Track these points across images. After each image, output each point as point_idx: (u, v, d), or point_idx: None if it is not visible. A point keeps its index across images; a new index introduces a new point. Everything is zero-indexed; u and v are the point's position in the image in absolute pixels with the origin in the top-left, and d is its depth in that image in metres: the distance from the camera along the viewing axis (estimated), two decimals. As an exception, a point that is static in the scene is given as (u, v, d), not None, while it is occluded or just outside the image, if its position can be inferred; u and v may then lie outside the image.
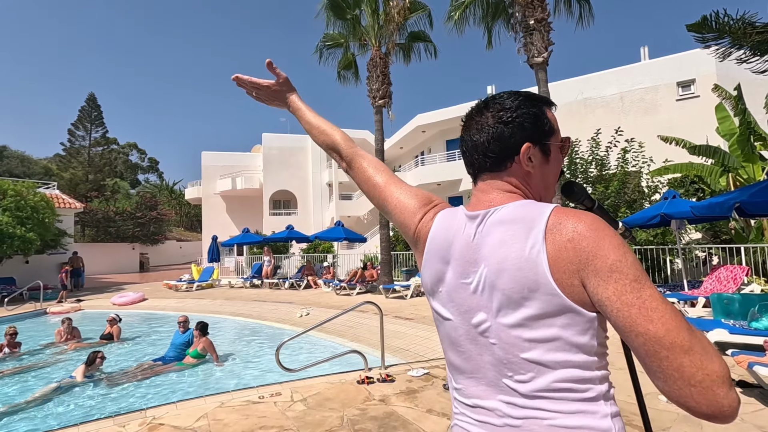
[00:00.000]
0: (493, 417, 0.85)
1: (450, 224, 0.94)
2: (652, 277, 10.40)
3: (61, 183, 31.67)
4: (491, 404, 0.85)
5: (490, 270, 0.83)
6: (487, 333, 0.85)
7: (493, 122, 0.92)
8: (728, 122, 11.15)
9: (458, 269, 0.89)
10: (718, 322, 5.27)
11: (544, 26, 10.06)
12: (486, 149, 0.92)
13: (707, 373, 0.67)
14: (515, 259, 0.80)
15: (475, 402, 0.88)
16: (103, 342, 8.02)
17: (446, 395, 4.05)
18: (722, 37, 4.28)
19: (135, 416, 3.78)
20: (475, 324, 0.86)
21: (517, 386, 0.82)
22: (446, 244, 0.92)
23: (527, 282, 0.78)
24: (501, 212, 0.87)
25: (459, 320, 0.89)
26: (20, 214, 13.61)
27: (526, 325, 0.80)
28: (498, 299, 0.82)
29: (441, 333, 0.98)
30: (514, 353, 0.81)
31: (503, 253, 0.82)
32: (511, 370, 0.82)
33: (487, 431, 0.85)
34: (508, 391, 0.83)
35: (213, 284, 16.72)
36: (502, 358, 0.83)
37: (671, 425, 3.23)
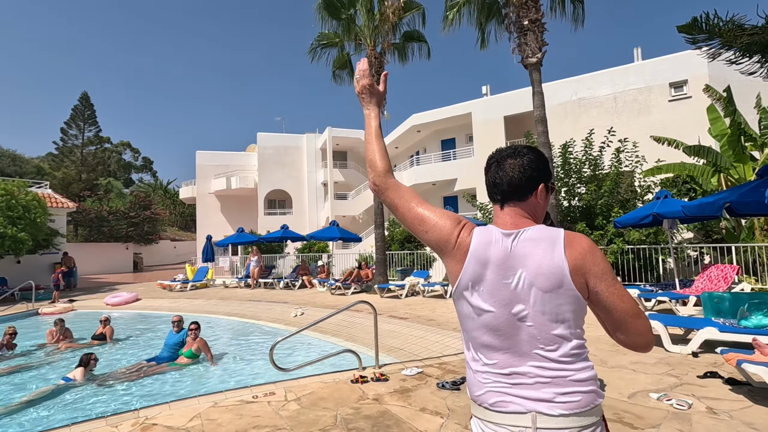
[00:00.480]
0: (525, 378, 1.17)
1: (489, 239, 1.24)
2: (645, 275, 10.49)
3: (53, 182, 31.39)
4: (524, 369, 1.17)
5: (528, 273, 1.18)
6: (525, 318, 1.18)
7: (527, 166, 1.28)
8: (720, 123, 11.27)
9: (499, 272, 1.20)
10: (708, 320, 5.33)
11: (538, 27, 10.10)
12: (519, 185, 1.27)
13: (646, 327, 1.18)
14: (548, 266, 1.16)
15: (510, 370, 1.19)
16: (96, 342, 7.97)
17: (440, 394, 4.07)
18: (712, 38, 4.33)
19: (128, 416, 3.77)
20: (515, 313, 1.18)
21: (548, 354, 1.17)
22: (486, 253, 1.22)
23: (556, 282, 1.16)
24: (529, 232, 1.22)
25: (501, 311, 1.19)
26: (11, 213, 13.49)
27: (561, 313, 1.17)
28: (534, 294, 1.17)
29: (476, 323, 1.24)
30: (546, 331, 1.17)
31: (538, 261, 1.17)
32: (543, 343, 1.17)
33: (521, 389, 1.17)
34: (539, 359, 1.17)
35: (207, 284, 16.65)
36: (536, 335, 1.17)
37: (661, 422, 3.27)
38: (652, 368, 4.61)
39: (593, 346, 5.61)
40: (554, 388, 1.15)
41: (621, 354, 5.20)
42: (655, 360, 4.90)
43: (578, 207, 11.87)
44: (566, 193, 11.92)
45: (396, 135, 25.58)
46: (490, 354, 1.22)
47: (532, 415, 1.14)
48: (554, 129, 12.09)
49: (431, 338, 6.62)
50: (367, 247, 19.19)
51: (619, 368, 4.66)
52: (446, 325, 7.37)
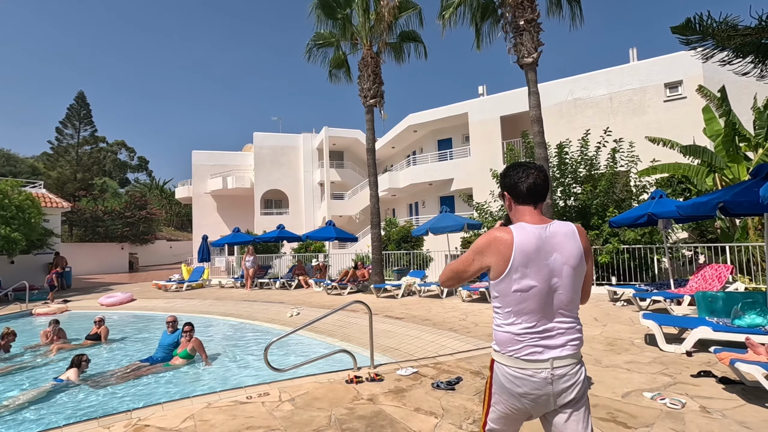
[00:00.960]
0: (552, 332, 1.66)
1: (526, 232, 1.67)
2: (640, 275, 10.54)
3: (48, 182, 31.18)
4: (551, 326, 1.67)
5: (562, 255, 1.67)
6: (558, 288, 1.66)
7: (546, 178, 1.79)
8: (714, 123, 11.33)
9: (540, 256, 1.65)
10: (702, 319, 5.35)
11: (534, 27, 10.12)
12: (545, 191, 1.77)
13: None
14: (574, 250, 1.69)
15: (543, 328, 1.66)
16: (90, 343, 7.91)
17: (434, 394, 4.06)
18: (706, 39, 4.34)
19: (120, 417, 3.74)
20: (552, 284, 1.66)
21: (568, 313, 1.69)
22: (529, 244, 1.65)
23: (579, 261, 1.69)
24: (554, 226, 1.71)
25: (543, 284, 1.65)
26: (4, 213, 13.38)
27: (576, 279, 1.69)
28: (566, 270, 1.66)
29: (523, 297, 1.65)
30: (570, 297, 1.69)
31: (569, 247, 1.68)
32: (566, 305, 1.68)
33: (548, 340, 1.65)
34: (561, 317, 1.68)
35: (203, 284, 16.59)
36: (563, 300, 1.68)
37: (655, 421, 3.27)
38: (646, 367, 4.62)
39: (587, 346, 5.62)
40: (567, 336, 1.67)
41: (615, 353, 5.22)
42: (650, 359, 4.92)
43: (574, 207, 11.90)
44: (562, 193, 11.95)
45: (393, 135, 25.58)
46: (529, 318, 1.66)
47: (551, 360, 1.63)
48: (550, 129, 12.12)
49: (426, 338, 6.61)
50: (364, 247, 19.19)
51: (613, 367, 4.67)
52: (442, 325, 7.36)
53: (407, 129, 23.80)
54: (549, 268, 1.64)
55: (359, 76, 13.87)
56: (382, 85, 13.82)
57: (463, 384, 4.32)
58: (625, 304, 8.72)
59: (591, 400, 3.75)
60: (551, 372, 1.61)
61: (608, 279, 10.73)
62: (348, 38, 14.21)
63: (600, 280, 10.91)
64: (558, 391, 1.63)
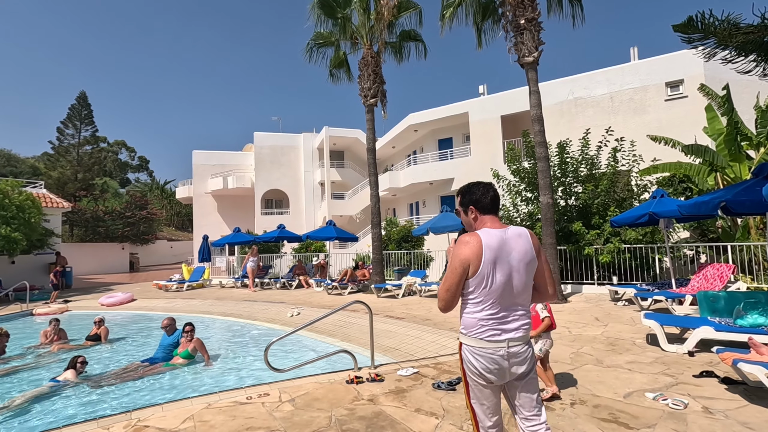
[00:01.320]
0: (509, 318, 1.99)
1: (491, 235, 2.00)
2: (642, 275, 10.51)
3: (49, 182, 31.18)
4: (509, 313, 1.99)
5: (518, 254, 1.99)
6: (517, 283, 1.98)
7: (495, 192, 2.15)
8: (716, 122, 11.29)
9: (503, 254, 1.97)
10: (704, 319, 5.32)
11: (535, 26, 10.08)
12: (499, 203, 2.18)
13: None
14: (527, 249, 2.01)
15: (503, 315, 1.98)
16: (90, 343, 7.90)
17: (435, 394, 4.04)
18: (708, 37, 4.31)
19: (120, 418, 3.73)
20: (512, 278, 1.97)
21: (522, 302, 2.02)
22: (495, 245, 1.97)
23: (532, 258, 2.01)
24: (511, 230, 2.05)
25: (506, 278, 1.97)
26: (5, 213, 13.38)
27: (530, 274, 2.02)
28: (522, 266, 1.98)
29: (490, 288, 1.97)
30: (525, 288, 2.02)
31: (523, 247, 2.01)
32: (522, 295, 2.01)
33: (506, 324, 1.98)
34: (518, 305, 2.01)
35: (204, 284, 16.59)
36: (520, 291, 2.00)
37: (657, 422, 3.25)
38: (647, 367, 4.60)
39: (588, 346, 5.61)
40: (520, 322, 2.01)
41: (616, 353, 5.20)
42: (651, 359, 4.89)
43: (575, 206, 11.87)
44: (563, 193, 11.92)
45: (393, 134, 25.55)
46: (493, 306, 1.98)
47: (507, 341, 1.98)
48: (550, 128, 12.10)
49: (427, 338, 6.60)
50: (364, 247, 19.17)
51: (614, 368, 4.64)
52: (442, 325, 7.34)
53: (408, 128, 23.77)
54: (509, 265, 1.97)
55: (359, 75, 13.85)
56: (383, 84, 13.80)
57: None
58: (627, 304, 8.69)
59: (593, 400, 3.74)
60: (507, 350, 1.96)
61: (609, 279, 10.70)
62: (348, 38, 14.19)
63: (601, 280, 10.89)
64: (512, 366, 1.98)
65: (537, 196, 12.03)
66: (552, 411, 3.55)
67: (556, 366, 4.80)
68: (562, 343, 5.86)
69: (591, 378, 4.34)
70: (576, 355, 5.20)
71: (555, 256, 9.71)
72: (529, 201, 12.41)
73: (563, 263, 11.20)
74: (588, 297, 10.02)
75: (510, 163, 12.81)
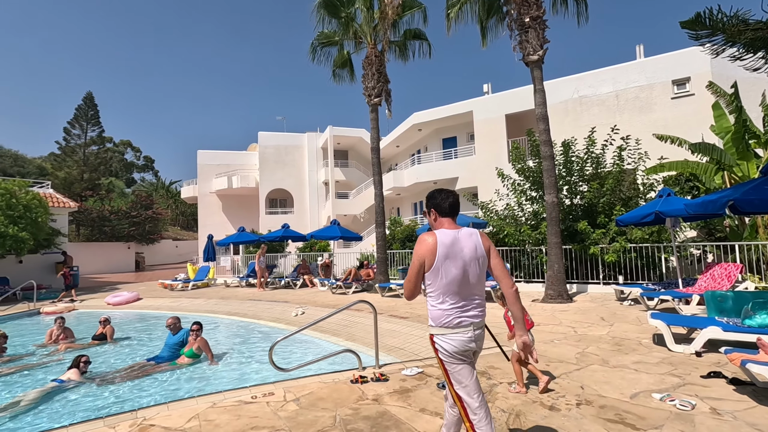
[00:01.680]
0: (469, 306, 2.32)
1: (446, 234, 2.34)
2: (648, 274, 10.44)
3: (55, 182, 31.45)
4: (468, 302, 2.33)
5: (470, 251, 2.32)
6: (471, 275, 2.31)
7: (455, 198, 2.48)
8: (724, 120, 11.18)
9: (456, 250, 2.29)
10: (712, 319, 5.27)
11: (540, 24, 10.03)
12: (458, 208, 2.48)
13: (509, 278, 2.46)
14: (478, 246, 2.36)
15: (463, 304, 2.31)
16: (96, 343, 7.95)
17: (440, 394, 4.03)
18: (716, 34, 4.26)
19: (125, 417, 3.74)
20: (467, 271, 2.29)
21: (478, 292, 2.38)
22: (448, 243, 2.30)
23: (482, 254, 2.36)
24: (463, 230, 2.39)
25: (460, 272, 2.28)
26: (12, 213, 13.48)
27: (482, 268, 2.36)
28: (475, 261, 2.32)
29: (447, 280, 2.29)
30: (479, 280, 2.36)
31: (473, 245, 2.35)
32: (477, 286, 2.36)
33: (468, 312, 2.31)
34: (474, 295, 2.35)
35: (209, 283, 16.66)
36: (475, 283, 2.34)
37: (664, 423, 3.22)
38: (654, 368, 4.56)
39: (594, 346, 5.57)
40: (479, 309, 2.37)
41: (622, 353, 5.16)
42: (658, 359, 4.85)
43: (580, 205, 11.80)
44: (568, 192, 11.85)
45: (397, 134, 25.52)
46: (454, 297, 2.31)
47: (473, 325, 2.33)
48: (555, 127, 12.04)
49: (432, 338, 6.57)
50: (369, 246, 19.16)
51: (621, 368, 4.61)
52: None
53: (412, 128, 23.73)
54: (463, 260, 2.29)
55: (363, 74, 13.84)
56: (387, 84, 13.78)
57: (469, 384, 4.28)
58: (632, 304, 8.63)
59: (599, 401, 3.72)
60: (473, 333, 2.31)
61: (615, 278, 10.63)
62: (351, 37, 14.18)
63: (606, 280, 10.82)
64: (476, 347, 2.36)
65: (542, 195, 11.96)
66: (558, 411, 3.53)
67: (562, 366, 4.78)
68: (568, 342, 5.83)
69: (597, 378, 4.31)
70: (582, 355, 5.17)
71: (560, 256, 9.65)
72: (534, 200, 12.35)
73: (568, 262, 11.14)
74: (593, 296, 9.96)
75: (515, 162, 12.75)
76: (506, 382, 4.28)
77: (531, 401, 3.77)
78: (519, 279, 12.20)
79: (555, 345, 5.74)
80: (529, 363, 4.10)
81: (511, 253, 12.39)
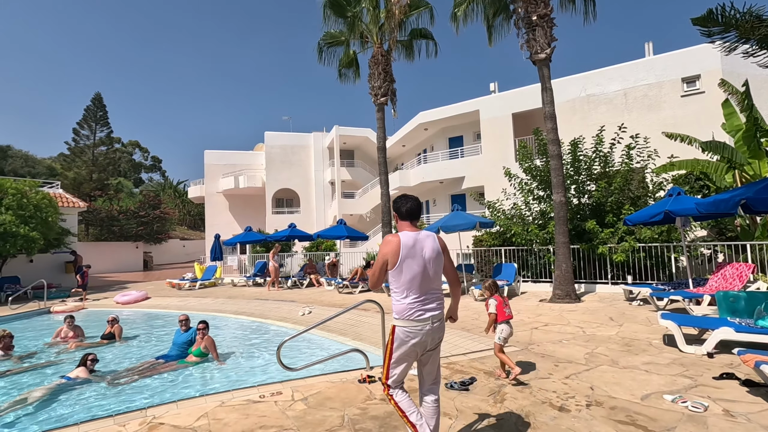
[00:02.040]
0: (428, 299, 2.62)
1: (407, 236, 2.64)
2: (657, 274, 10.32)
3: (65, 182, 31.81)
4: (428, 296, 2.62)
5: (428, 251, 2.64)
6: (431, 272, 2.63)
7: (417, 204, 2.80)
8: (734, 118, 11.02)
9: (416, 250, 2.60)
10: (724, 320, 5.20)
11: (547, 22, 9.96)
12: (418, 213, 2.81)
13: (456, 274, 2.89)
14: (435, 247, 2.68)
15: (424, 299, 2.60)
16: (105, 342, 8.02)
17: (448, 394, 4.01)
18: (728, 30, 4.19)
19: (135, 415, 3.77)
20: (426, 268, 2.61)
21: (436, 287, 2.67)
22: (410, 244, 2.60)
23: (438, 254, 2.68)
24: (422, 233, 2.71)
25: (421, 269, 2.59)
26: (23, 212, 13.65)
27: (439, 266, 2.70)
28: (433, 260, 2.64)
29: (408, 277, 2.58)
30: (436, 277, 2.67)
31: (431, 246, 2.67)
32: (435, 282, 2.66)
33: (428, 305, 2.60)
34: (433, 290, 2.65)
35: (216, 283, 16.75)
36: (434, 279, 2.65)
37: (676, 425, 3.18)
38: (665, 369, 4.51)
39: (603, 346, 5.52)
40: (437, 302, 2.64)
41: (632, 354, 5.11)
42: (669, 360, 4.80)
43: (588, 204, 11.71)
44: (575, 191, 11.76)
45: (403, 133, 25.49)
46: (416, 292, 2.59)
47: (432, 317, 2.60)
48: (563, 126, 11.93)
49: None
50: (375, 246, 19.16)
51: (631, 369, 4.56)
52: (454, 325, 7.30)
53: (418, 127, 23.68)
54: (423, 259, 2.59)
55: (370, 74, 13.83)
56: (393, 83, 13.77)
57: (477, 384, 4.26)
58: (641, 304, 8.55)
59: (609, 402, 3.68)
60: (431, 325, 2.58)
61: (623, 278, 10.53)
62: (358, 36, 14.18)
63: (615, 279, 10.72)
64: (432, 338, 2.63)
65: (549, 194, 11.88)
66: (567, 412, 3.50)
67: (571, 366, 4.74)
68: (576, 343, 5.78)
69: (606, 379, 4.27)
70: (591, 356, 5.12)
71: (568, 255, 9.58)
72: (542, 199, 12.27)
73: (576, 262, 11.05)
74: (602, 296, 9.87)
75: (522, 161, 12.68)
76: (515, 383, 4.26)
77: (540, 402, 3.75)
78: (526, 279, 12.13)
79: (564, 345, 5.69)
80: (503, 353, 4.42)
81: (518, 253, 12.32)
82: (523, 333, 6.53)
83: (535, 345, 5.77)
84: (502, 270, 11.08)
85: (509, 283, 10.19)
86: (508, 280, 10.29)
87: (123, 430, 3.47)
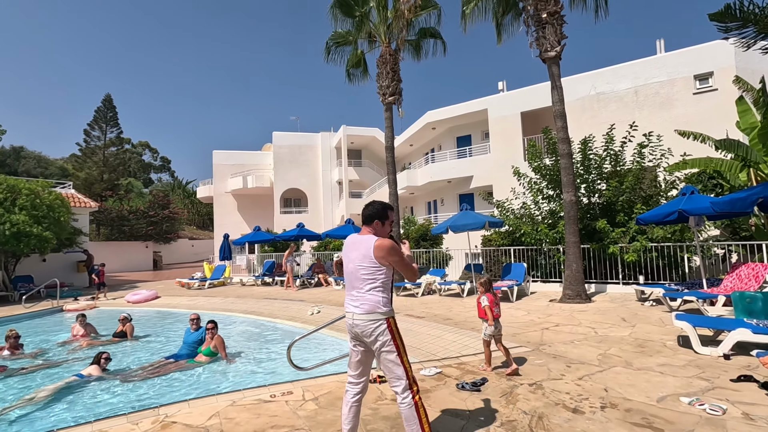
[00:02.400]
0: (352, 296, 2.85)
1: (352, 237, 2.97)
2: (670, 274, 10.18)
3: (76, 183, 32.20)
4: (352, 292, 2.85)
5: (358, 253, 2.82)
6: (355, 271, 2.83)
7: (372, 209, 2.92)
8: (749, 115, 10.82)
9: (350, 251, 2.90)
10: (740, 321, 5.10)
11: (557, 20, 9.86)
12: (371, 218, 2.92)
13: (413, 272, 2.93)
14: (363, 251, 2.79)
15: (349, 295, 2.88)
16: (117, 340, 8.10)
17: (459, 395, 3.98)
18: (746, 26, 4.10)
19: (148, 414, 3.79)
20: (355, 267, 2.83)
21: (359, 285, 2.81)
22: (349, 243, 2.95)
23: (367, 255, 2.77)
24: (366, 237, 2.85)
25: (353, 266, 2.84)
26: (36, 212, 13.83)
27: (365, 268, 2.78)
28: (359, 259, 2.80)
29: (345, 271, 2.93)
30: (360, 277, 2.80)
31: (362, 249, 2.80)
32: (358, 281, 2.81)
33: (351, 301, 2.85)
34: (356, 288, 2.82)
35: (225, 282, 16.85)
36: (358, 278, 2.80)
37: (694, 428, 3.12)
38: (680, 371, 4.43)
39: (616, 347, 5.45)
40: (358, 301, 2.78)
41: (646, 356, 5.03)
42: (684, 362, 4.72)
43: (598, 204, 11.58)
44: (586, 190, 11.64)
45: (411, 132, 25.44)
46: (348, 286, 2.89)
47: (352, 313, 2.79)
48: (572, 124, 11.80)
49: (448, 338, 6.52)
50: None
51: (645, 370, 4.49)
52: (464, 324, 7.26)
53: (425, 126, 23.62)
54: (349, 259, 2.86)
55: (378, 73, 13.81)
56: (400, 83, 13.74)
57: (489, 385, 4.23)
58: (654, 304, 8.43)
59: (624, 404, 3.62)
60: (352, 320, 2.79)
61: (635, 278, 10.40)
62: (365, 36, 14.17)
63: (626, 279, 10.60)
64: (359, 333, 2.79)
65: (559, 193, 11.78)
66: (582, 414, 3.45)
67: (583, 367, 4.68)
68: (588, 344, 5.72)
69: (621, 381, 4.21)
70: (603, 357, 5.06)
71: (578, 255, 9.48)
72: (551, 198, 12.17)
73: (586, 262, 10.94)
74: (613, 297, 9.76)
75: (531, 160, 12.57)
76: (527, 383, 4.21)
77: (553, 403, 3.70)
78: (536, 279, 12.04)
79: (575, 346, 5.63)
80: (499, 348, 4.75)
81: (527, 253, 12.23)
82: (534, 333, 6.47)
83: (547, 345, 5.71)
84: (511, 270, 11.00)
85: (519, 283, 10.11)
86: (517, 280, 10.22)
87: (136, 429, 3.49)
